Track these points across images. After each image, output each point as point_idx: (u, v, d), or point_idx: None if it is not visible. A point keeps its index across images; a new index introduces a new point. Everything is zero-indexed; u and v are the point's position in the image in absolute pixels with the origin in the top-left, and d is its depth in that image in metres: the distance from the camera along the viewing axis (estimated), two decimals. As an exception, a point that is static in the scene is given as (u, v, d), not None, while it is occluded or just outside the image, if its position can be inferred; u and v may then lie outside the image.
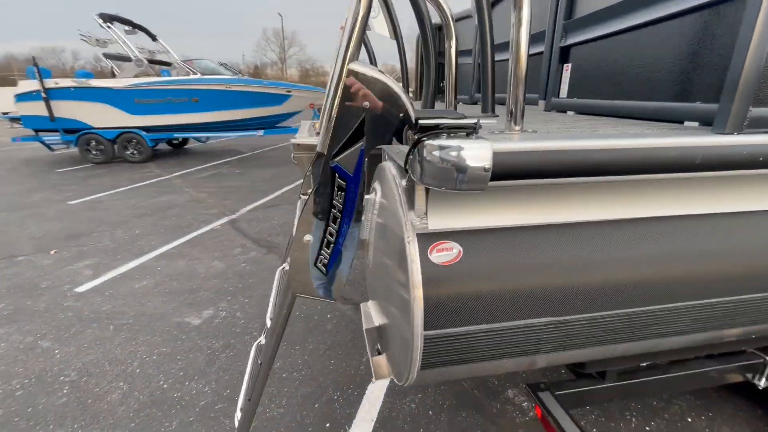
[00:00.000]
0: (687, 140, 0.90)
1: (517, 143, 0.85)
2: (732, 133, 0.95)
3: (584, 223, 1.00)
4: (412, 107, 0.92)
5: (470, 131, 0.84)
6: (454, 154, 0.81)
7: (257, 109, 10.32)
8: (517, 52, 0.87)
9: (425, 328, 0.96)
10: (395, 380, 1.22)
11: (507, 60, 0.97)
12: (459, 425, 2.22)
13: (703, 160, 0.90)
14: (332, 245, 1.01)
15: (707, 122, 1.17)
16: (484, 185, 0.83)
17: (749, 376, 1.82)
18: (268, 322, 1.35)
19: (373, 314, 1.29)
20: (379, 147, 1.15)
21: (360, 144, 0.94)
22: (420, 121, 0.84)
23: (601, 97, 1.67)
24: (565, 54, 1.86)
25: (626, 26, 1.46)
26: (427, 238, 0.97)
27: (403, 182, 1.06)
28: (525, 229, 0.99)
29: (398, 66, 3.21)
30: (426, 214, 0.98)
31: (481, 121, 0.89)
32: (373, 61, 3.00)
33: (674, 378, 1.75)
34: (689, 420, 2.22)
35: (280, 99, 10.48)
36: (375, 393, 2.45)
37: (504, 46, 1.54)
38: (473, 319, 0.98)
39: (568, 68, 1.86)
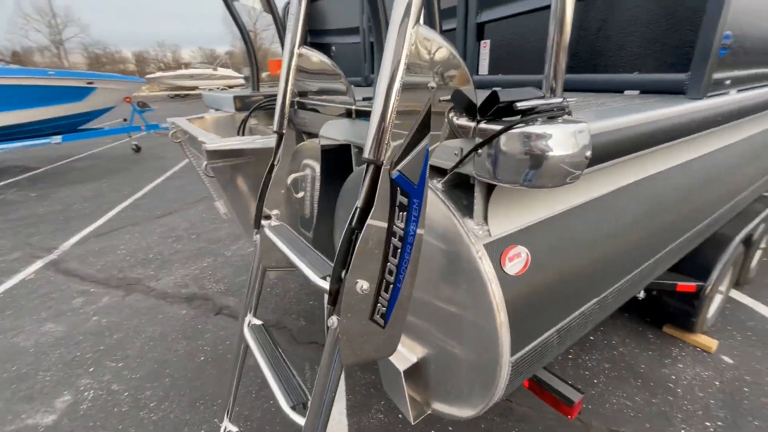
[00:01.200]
0: (692, 107, 0.97)
1: (611, 120, 0.76)
2: (702, 98, 1.08)
3: (621, 189, 1.01)
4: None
5: (558, 114, 0.70)
6: (550, 143, 0.66)
7: (46, 108, 7.74)
8: (561, 19, 0.75)
9: (512, 354, 0.81)
10: (446, 415, 1.04)
11: None
12: (432, 417, 2.17)
13: (695, 123, 0.99)
14: (392, 285, 0.74)
15: (645, 90, 1.33)
16: (580, 175, 0.70)
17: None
18: (288, 412, 0.94)
19: (402, 350, 1.05)
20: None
21: (425, 142, 0.68)
22: (518, 105, 0.65)
23: (527, 72, 1.76)
24: (481, 30, 1.88)
25: (546, 3, 1.54)
26: (494, 248, 0.80)
27: (439, 184, 0.84)
28: (581, 208, 0.93)
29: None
30: (485, 219, 0.80)
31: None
32: (245, 36, 2.49)
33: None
34: (592, 338, 2.71)
35: (79, 93, 8.11)
36: (336, 418, 2.18)
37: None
38: (551, 322, 0.88)
39: (486, 45, 1.88)
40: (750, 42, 1.23)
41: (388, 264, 0.73)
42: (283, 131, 1.18)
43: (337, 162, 1.32)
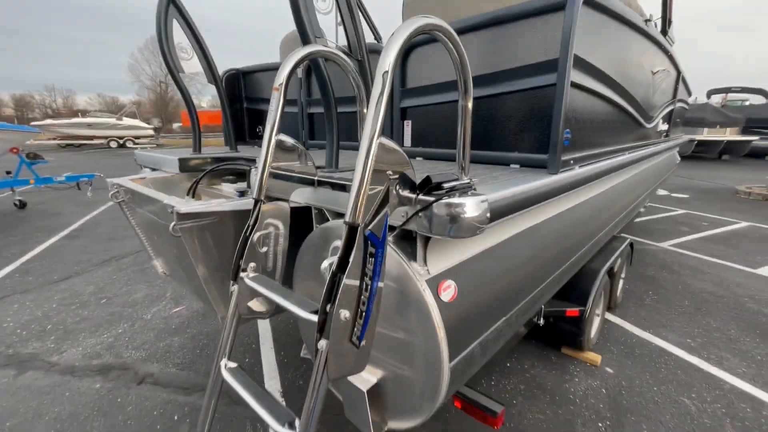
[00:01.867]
0: (551, 180, 1.45)
1: (501, 192, 1.14)
2: (557, 173, 1.58)
3: (514, 236, 1.41)
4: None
5: (467, 189, 1.05)
6: (464, 209, 1.01)
7: None
8: (464, 115, 1.15)
9: (450, 361, 1.09)
10: (400, 428, 1.25)
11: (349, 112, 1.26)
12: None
13: (553, 190, 1.48)
14: (364, 314, 0.96)
15: (523, 165, 1.84)
16: (484, 229, 1.06)
17: (535, 319, 2.78)
18: (282, 430, 1.03)
19: (364, 374, 1.26)
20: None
21: (385, 210, 0.97)
22: (444, 185, 0.98)
23: (440, 146, 2.22)
24: (404, 113, 2.34)
25: (452, 99, 2.05)
26: (432, 282, 1.11)
27: (391, 237, 1.14)
28: (488, 251, 1.29)
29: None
30: (425, 261, 1.11)
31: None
32: (190, 104, 2.65)
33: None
34: (509, 365, 3.12)
35: (-50, 143, 7.04)
36: None
37: (340, 100, 1.76)
38: (474, 336, 1.19)
39: (408, 124, 2.34)
40: (581, 136, 1.86)
41: (362, 297, 0.98)
42: (262, 198, 1.39)
43: (299, 222, 1.57)
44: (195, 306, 4.07)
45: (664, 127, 4.58)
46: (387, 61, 0.94)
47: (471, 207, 1.00)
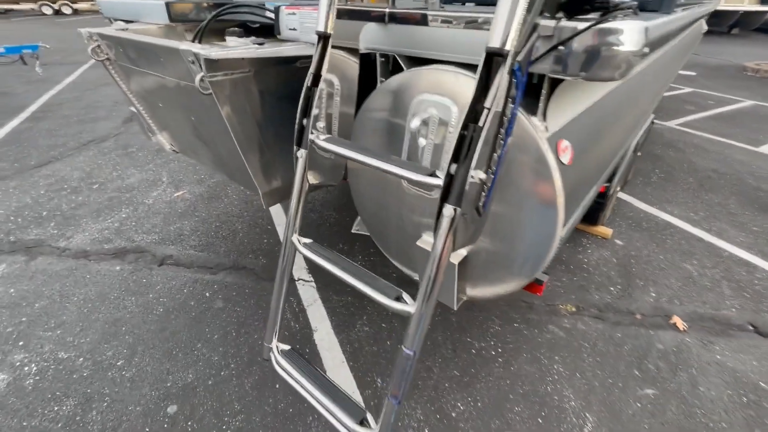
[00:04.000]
0: (674, 16, 1.17)
1: (655, 21, 0.87)
2: (670, 14, 1.28)
3: (607, 94, 1.18)
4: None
5: (629, 12, 0.77)
6: (623, 37, 0.75)
7: None
8: None
9: (563, 226, 0.97)
10: (482, 298, 1.21)
11: None
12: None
13: (676, 30, 1.20)
14: (493, 177, 0.78)
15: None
16: (632, 69, 0.82)
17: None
18: (356, 428, 0.96)
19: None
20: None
21: (536, 34, 0.70)
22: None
23: None
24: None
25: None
26: (552, 141, 0.92)
27: (503, 85, 0.90)
28: (590, 109, 1.07)
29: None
30: (545, 116, 0.90)
31: None
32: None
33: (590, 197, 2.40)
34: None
35: None
36: (326, 338, 2.31)
37: None
38: (578, 202, 1.06)
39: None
40: None
41: (494, 155, 0.79)
42: (330, 33, 1.02)
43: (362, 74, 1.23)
44: (197, 190, 3.88)
45: None
46: None
47: (630, 35, 0.74)
